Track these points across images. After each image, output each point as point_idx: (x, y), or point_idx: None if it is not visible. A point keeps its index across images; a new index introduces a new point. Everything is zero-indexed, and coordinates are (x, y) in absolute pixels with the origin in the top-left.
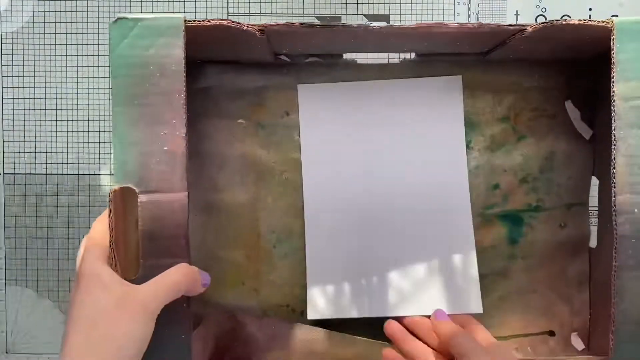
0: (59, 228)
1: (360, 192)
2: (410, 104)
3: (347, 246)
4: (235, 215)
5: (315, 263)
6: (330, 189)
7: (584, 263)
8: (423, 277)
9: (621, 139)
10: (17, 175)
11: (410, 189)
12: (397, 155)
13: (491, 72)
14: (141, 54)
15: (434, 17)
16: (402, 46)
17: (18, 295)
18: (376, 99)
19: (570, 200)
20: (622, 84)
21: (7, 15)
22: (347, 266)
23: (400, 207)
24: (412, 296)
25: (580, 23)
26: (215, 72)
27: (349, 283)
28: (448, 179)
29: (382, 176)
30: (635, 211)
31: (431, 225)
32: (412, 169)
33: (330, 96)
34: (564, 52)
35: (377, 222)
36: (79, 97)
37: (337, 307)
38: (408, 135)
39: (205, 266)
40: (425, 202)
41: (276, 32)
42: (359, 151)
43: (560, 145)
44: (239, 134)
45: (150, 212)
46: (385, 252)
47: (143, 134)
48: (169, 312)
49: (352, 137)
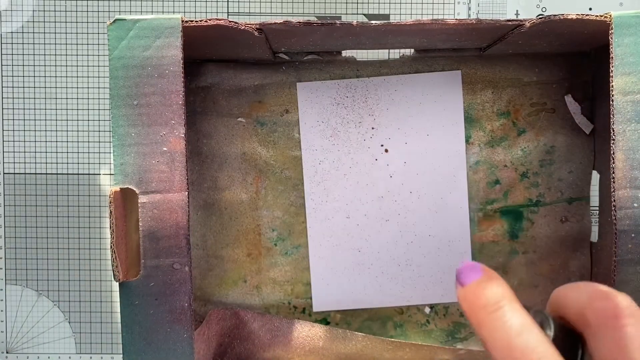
0: (59, 228)
1: (360, 187)
2: (409, 100)
3: (348, 240)
4: (235, 213)
5: (318, 258)
6: (330, 184)
7: (586, 258)
8: (422, 268)
9: (620, 133)
10: (17, 175)
11: (410, 184)
12: (397, 151)
13: (490, 67)
14: (139, 55)
15: (433, 16)
16: (400, 43)
17: (18, 295)
18: (376, 96)
19: (571, 195)
20: (621, 78)
21: (7, 15)
22: (349, 259)
23: (400, 201)
24: (412, 288)
25: (578, 17)
26: (214, 71)
27: (351, 276)
28: (447, 174)
29: (382, 172)
30: (634, 206)
31: (430, 219)
32: (412, 164)
33: (330, 93)
34: (563, 46)
35: (378, 216)
36: (79, 97)
37: (341, 300)
38: (408, 131)
39: (206, 265)
40: (424, 196)
41: (274, 30)
42: (359, 147)
43: (561, 139)
44: (239, 132)
45: (151, 212)
46: (386, 245)
47: (142, 134)
48: (171, 311)
49: (351, 134)
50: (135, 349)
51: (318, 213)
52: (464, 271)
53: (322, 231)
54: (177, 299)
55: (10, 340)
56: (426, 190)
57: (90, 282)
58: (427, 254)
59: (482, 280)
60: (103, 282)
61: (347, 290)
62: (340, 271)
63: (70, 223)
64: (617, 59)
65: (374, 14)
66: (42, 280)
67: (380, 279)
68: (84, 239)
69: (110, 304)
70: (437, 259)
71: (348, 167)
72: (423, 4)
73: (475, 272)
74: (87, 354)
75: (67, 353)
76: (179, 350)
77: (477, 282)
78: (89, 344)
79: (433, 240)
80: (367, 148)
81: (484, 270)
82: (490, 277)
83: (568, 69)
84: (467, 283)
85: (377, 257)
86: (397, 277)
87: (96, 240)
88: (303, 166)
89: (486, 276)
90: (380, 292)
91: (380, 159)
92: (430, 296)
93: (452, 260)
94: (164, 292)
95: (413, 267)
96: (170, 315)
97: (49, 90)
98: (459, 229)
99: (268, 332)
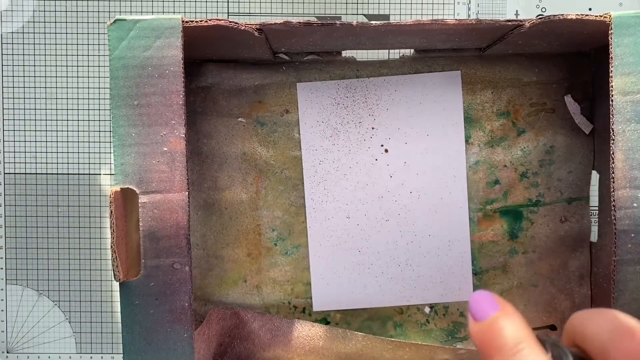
0: (59, 228)
1: (360, 187)
2: (409, 100)
3: (348, 240)
4: (235, 213)
5: (318, 258)
6: (330, 184)
7: (585, 257)
8: (422, 268)
9: (620, 133)
10: (17, 175)
11: (410, 184)
12: (397, 151)
13: (490, 67)
14: (139, 55)
15: (433, 17)
16: (400, 43)
17: (18, 295)
18: (375, 96)
19: (570, 195)
20: (621, 78)
21: (7, 15)
22: (349, 259)
23: (400, 201)
24: (412, 288)
25: (578, 17)
26: (214, 71)
27: (351, 276)
28: (447, 174)
29: (382, 172)
30: (634, 205)
31: (430, 219)
32: (412, 164)
33: (330, 93)
34: (563, 46)
35: (378, 216)
36: (79, 97)
37: (341, 299)
38: (408, 131)
39: (206, 265)
40: (424, 196)
41: (274, 31)
42: (359, 147)
43: (560, 139)
44: (239, 132)
45: (151, 212)
46: (385, 245)
47: (142, 134)
48: (171, 311)
49: (351, 134)
50: (136, 349)
51: (318, 213)
52: (479, 304)
53: (322, 231)
54: (178, 298)
55: (10, 340)
56: (426, 190)
57: (91, 282)
58: (427, 254)
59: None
60: (103, 282)
61: (347, 290)
62: (340, 271)
63: (70, 223)
64: (617, 59)
65: (374, 14)
66: (42, 280)
67: (380, 279)
68: (84, 239)
69: (110, 304)
70: (437, 259)
71: (348, 167)
72: (423, 4)
73: (492, 306)
74: (87, 354)
75: (67, 353)
76: (179, 350)
77: (494, 318)
78: (89, 344)
79: (433, 240)
80: (367, 148)
81: (500, 304)
82: (507, 314)
83: (568, 69)
84: (482, 319)
85: (377, 257)
86: (397, 277)
87: (96, 240)
88: (303, 166)
89: (503, 312)
90: (380, 292)
91: (380, 159)
92: (430, 296)
93: (452, 260)
94: (164, 292)
95: (413, 267)
96: (171, 315)
97: (49, 90)
98: (458, 229)
99: (268, 331)
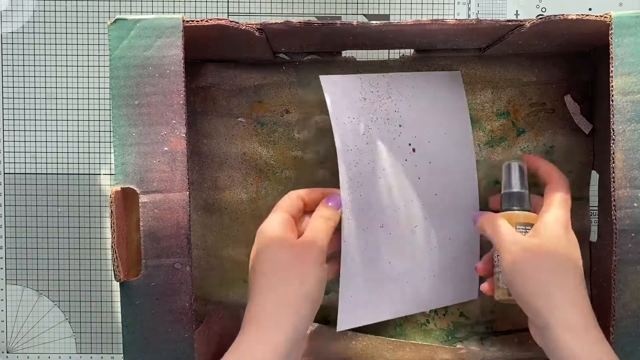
0: (59, 228)
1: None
2: (427, 97)
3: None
4: (236, 213)
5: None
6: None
7: (585, 257)
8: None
9: (620, 133)
10: (17, 175)
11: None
12: (423, 150)
13: (490, 67)
14: (140, 55)
15: (433, 17)
16: (400, 43)
17: (18, 295)
18: (398, 92)
19: (570, 195)
20: (621, 78)
21: (7, 15)
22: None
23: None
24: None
25: (578, 18)
26: (215, 71)
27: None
28: (461, 174)
29: (411, 173)
30: (634, 205)
31: (450, 221)
32: (437, 164)
33: (355, 87)
34: (563, 46)
35: (408, 222)
36: (79, 97)
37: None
38: (429, 129)
39: (206, 265)
40: (435, 196)
41: (274, 30)
42: (390, 147)
43: (560, 139)
44: (239, 132)
45: (152, 212)
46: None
47: (143, 134)
48: (172, 311)
49: (382, 131)
50: (136, 349)
51: (355, 222)
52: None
53: (357, 244)
54: (178, 298)
55: (10, 340)
56: (448, 192)
57: (91, 282)
58: (447, 257)
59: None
60: (103, 282)
61: (372, 304)
62: (369, 286)
63: (70, 223)
64: (617, 59)
65: (374, 14)
66: (42, 280)
67: (406, 289)
68: (84, 239)
69: (110, 304)
70: (454, 262)
71: (382, 169)
72: (423, 4)
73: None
74: (87, 354)
75: (67, 353)
76: (179, 350)
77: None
78: (89, 344)
79: (452, 242)
80: (397, 147)
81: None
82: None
83: (567, 69)
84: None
85: (404, 267)
86: (420, 284)
87: (96, 240)
88: (339, 169)
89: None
90: (403, 301)
91: (409, 159)
92: (443, 299)
93: (466, 260)
94: (165, 292)
95: (435, 271)
96: (171, 315)
97: (49, 90)
98: (470, 229)
99: None
